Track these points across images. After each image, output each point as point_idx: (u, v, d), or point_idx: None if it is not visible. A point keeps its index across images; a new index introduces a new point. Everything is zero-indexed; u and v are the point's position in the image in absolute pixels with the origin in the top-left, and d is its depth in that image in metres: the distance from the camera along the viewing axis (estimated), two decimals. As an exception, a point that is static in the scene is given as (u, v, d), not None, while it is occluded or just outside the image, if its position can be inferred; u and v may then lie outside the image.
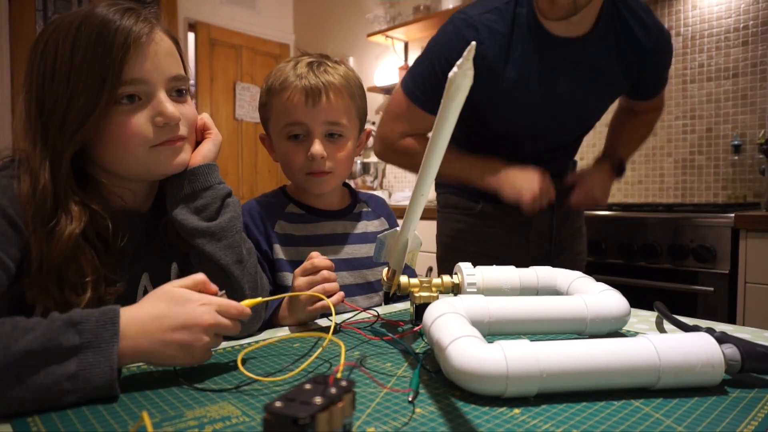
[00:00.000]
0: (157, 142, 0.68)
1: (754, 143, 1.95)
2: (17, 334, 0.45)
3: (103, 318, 0.49)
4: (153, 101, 0.67)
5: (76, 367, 0.46)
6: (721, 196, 2.05)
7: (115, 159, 0.67)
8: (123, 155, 0.67)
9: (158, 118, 0.67)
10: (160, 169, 0.70)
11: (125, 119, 0.65)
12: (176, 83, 0.70)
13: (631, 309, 0.65)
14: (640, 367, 0.48)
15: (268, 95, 0.93)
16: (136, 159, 0.67)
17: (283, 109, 0.90)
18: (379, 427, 0.42)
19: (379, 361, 0.59)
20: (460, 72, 0.41)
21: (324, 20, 3.79)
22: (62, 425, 0.43)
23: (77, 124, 0.63)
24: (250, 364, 0.58)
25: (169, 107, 0.67)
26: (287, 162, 0.93)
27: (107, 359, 0.47)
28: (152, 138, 0.67)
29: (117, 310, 0.50)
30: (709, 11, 2.07)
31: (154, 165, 0.69)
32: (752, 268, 1.48)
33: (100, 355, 0.47)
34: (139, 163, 0.68)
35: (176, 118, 0.68)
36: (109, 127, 0.65)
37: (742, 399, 0.48)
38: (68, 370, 0.46)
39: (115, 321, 0.49)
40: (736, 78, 2.01)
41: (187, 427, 0.42)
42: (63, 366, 0.46)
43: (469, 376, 0.47)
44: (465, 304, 0.60)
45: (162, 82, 0.67)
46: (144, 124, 0.66)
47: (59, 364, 0.46)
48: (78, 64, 0.62)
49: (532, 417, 0.44)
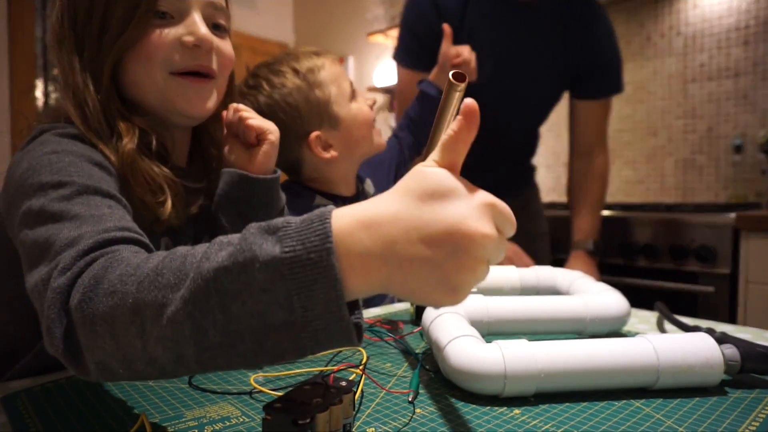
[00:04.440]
0: (180, 66, 0.62)
1: (756, 143, 1.95)
2: (211, 251, 0.34)
3: (309, 218, 0.33)
4: (186, 20, 0.61)
5: (284, 290, 0.32)
6: (722, 196, 2.05)
7: (135, 80, 0.62)
8: (142, 77, 0.61)
9: (188, 38, 0.60)
10: (178, 104, 0.63)
11: (150, 33, 0.59)
12: (214, 12, 0.64)
13: (632, 309, 0.65)
14: (638, 367, 0.48)
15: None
16: (154, 83, 0.61)
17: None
18: (379, 428, 0.42)
19: (379, 361, 0.59)
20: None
21: (324, 20, 3.78)
22: (62, 425, 0.43)
23: (116, 32, 0.58)
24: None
25: (203, 28, 0.61)
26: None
27: (324, 274, 0.31)
28: (176, 60, 0.61)
29: (328, 208, 0.34)
30: (710, 10, 2.07)
31: (173, 98, 0.62)
32: (753, 268, 1.48)
33: (311, 269, 0.32)
34: (157, 89, 0.62)
35: (208, 41, 0.61)
36: (136, 43, 0.60)
37: (742, 400, 0.48)
38: (276, 296, 0.32)
39: (325, 220, 0.33)
40: (738, 78, 2.01)
41: (187, 427, 0.42)
42: (267, 288, 0.32)
43: (466, 376, 0.47)
44: (464, 303, 0.60)
45: (199, 3, 0.62)
46: (171, 42, 0.60)
47: (261, 286, 0.32)
48: None
49: (533, 417, 0.44)
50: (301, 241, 0.32)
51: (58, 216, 0.45)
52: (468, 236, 0.32)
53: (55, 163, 0.51)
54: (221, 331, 0.33)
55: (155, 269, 0.35)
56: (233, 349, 0.33)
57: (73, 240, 0.42)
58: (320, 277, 0.31)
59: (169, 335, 0.33)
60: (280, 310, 0.32)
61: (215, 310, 0.32)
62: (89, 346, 0.37)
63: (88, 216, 0.45)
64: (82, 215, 0.45)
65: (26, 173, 0.51)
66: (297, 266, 0.31)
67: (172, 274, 0.34)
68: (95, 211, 0.46)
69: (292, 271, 0.31)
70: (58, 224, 0.45)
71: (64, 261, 0.40)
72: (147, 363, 0.35)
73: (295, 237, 0.32)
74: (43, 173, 0.50)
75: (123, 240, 0.43)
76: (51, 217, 0.46)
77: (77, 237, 0.42)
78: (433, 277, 0.33)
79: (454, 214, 0.33)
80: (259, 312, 0.32)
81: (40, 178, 0.50)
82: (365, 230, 0.33)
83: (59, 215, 0.46)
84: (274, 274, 0.32)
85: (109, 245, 0.42)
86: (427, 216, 0.33)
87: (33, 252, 0.45)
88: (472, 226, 0.33)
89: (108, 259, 0.39)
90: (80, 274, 0.39)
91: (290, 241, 0.32)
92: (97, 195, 0.49)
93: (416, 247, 0.32)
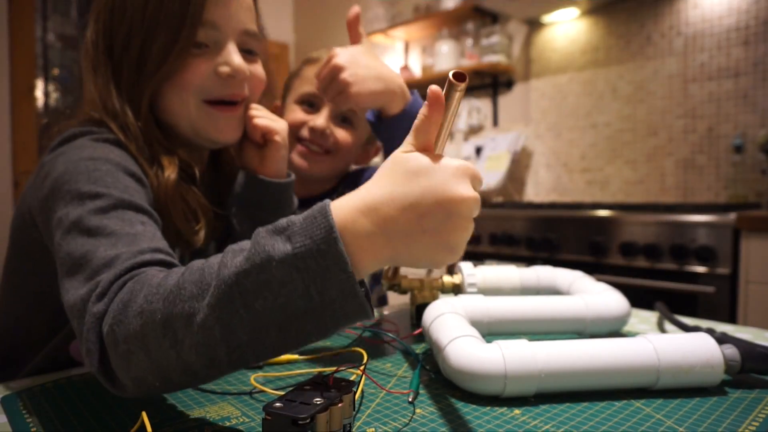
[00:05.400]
0: (213, 95, 0.63)
1: (756, 143, 1.95)
2: (227, 259, 0.37)
3: (311, 215, 0.36)
4: (221, 50, 0.62)
5: (301, 281, 0.35)
6: (722, 196, 2.05)
7: (168, 107, 0.63)
8: (176, 105, 0.62)
9: (224, 68, 0.62)
10: (209, 132, 0.65)
11: (187, 64, 0.60)
12: (248, 39, 0.65)
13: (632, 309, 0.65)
14: (638, 367, 0.48)
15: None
16: (187, 111, 0.63)
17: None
18: (379, 428, 0.42)
19: (380, 361, 0.59)
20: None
21: (324, 20, 3.78)
22: (62, 425, 0.43)
23: (155, 65, 0.59)
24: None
25: (237, 59, 0.62)
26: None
27: (335, 261, 0.35)
28: (210, 89, 0.62)
29: (326, 202, 0.37)
30: (711, 10, 2.06)
31: (205, 126, 0.64)
32: (754, 269, 1.48)
33: (322, 259, 0.35)
34: (189, 116, 0.63)
35: (243, 71, 0.63)
36: (174, 75, 0.61)
37: (743, 400, 0.47)
38: (295, 287, 0.35)
39: (326, 212, 0.36)
40: (738, 77, 2.01)
41: (187, 427, 0.42)
42: (285, 282, 0.35)
43: (467, 376, 0.47)
44: (464, 304, 0.60)
45: (234, 33, 0.63)
46: (205, 72, 0.61)
47: (280, 281, 0.35)
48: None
49: (533, 417, 0.44)
50: (309, 236, 0.35)
51: (94, 231, 0.47)
52: (455, 201, 0.37)
53: (93, 171, 0.53)
54: (249, 329, 0.36)
55: (177, 285, 0.38)
56: (261, 342, 0.36)
57: (110, 261, 0.44)
58: (331, 264, 0.35)
59: (202, 341, 0.36)
60: (300, 300, 0.35)
61: (241, 311, 0.36)
62: (124, 366, 0.39)
63: (123, 234, 0.47)
64: (117, 233, 0.47)
65: (63, 177, 0.52)
66: (310, 259, 0.35)
67: (194, 286, 0.37)
68: (130, 229, 0.48)
69: (306, 263, 0.35)
70: (94, 240, 0.47)
71: (102, 285, 0.42)
72: (182, 372, 0.38)
73: (303, 233, 0.35)
74: (80, 180, 0.51)
75: (155, 262, 0.45)
76: (87, 231, 0.47)
77: (114, 258, 0.44)
78: (433, 242, 0.37)
79: (438, 185, 0.37)
80: (281, 305, 0.35)
81: (78, 186, 0.51)
82: (366, 216, 0.36)
83: (95, 230, 0.47)
84: (290, 269, 0.35)
85: (141, 267, 0.43)
86: (417, 192, 0.37)
87: (68, 263, 0.46)
88: (457, 192, 0.37)
89: (135, 282, 0.41)
90: (114, 300, 0.41)
91: (299, 237, 0.35)
92: (131, 210, 0.51)
93: (414, 221, 0.36)
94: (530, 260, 1.88)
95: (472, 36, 2.70)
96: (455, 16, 2.70)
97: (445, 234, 0.37)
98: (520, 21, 2.60)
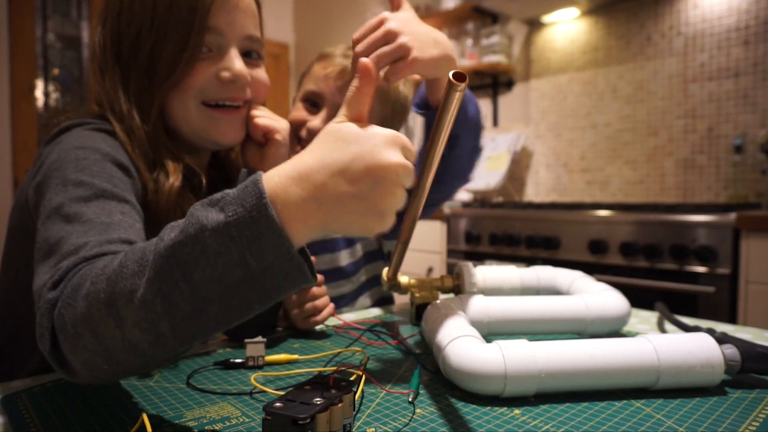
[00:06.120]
0: (212, 97, 0.63)
1: (756, 143, 1.95)
2: (164, 234, 0.37)
3: (244, 185, 0.37)
4: (224, 55, 0.63)
5: (236, 249, 0.35)
6: (722, 196, 2.05)
7: (170, 110, 0.63)
8: (177, 107, 0.63)
9: (225, 73, 0.62)
10: (211, 134, 0.65)
11: (189, 68, 0.61)
12: (250, 44, 0.66)
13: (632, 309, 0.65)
14: (638, 367, 0.48)
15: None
16: (187, 113, 0.63)
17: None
18: (379, 428, 0.42)
19: (380, 361, 0.59)
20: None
21: (324, 20, 3.78)
22: (62, 425, 0.43)
23: (165, 73, 0.60)
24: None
25: (239, 64, 0.63)
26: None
27: (267, 227, 0.35)
28: (210, 92, 0.63)
29: (258, 173, 0.37)
30: (711, 10, 2.07)
31: (206, 128, 0.64)
32: (754, 269, 1.48)
33: (254, 225, 0.35)
34: (190, 118, 0.63)
35: (244, 76, 0.63)
36: (181, 82, 0.61)
37: (743, 400, 0.47)
38: (231, 256, 0.35)
39: (257, 181, 0.36)
40: (738, 77, 2.01)
41: (187, 427, 0.42)
42: (221, 251, 0.35)
43: (467, 376, 0.47)
44: (464, 304, 0.60)
45: (236, 39, 0.63)
46: (207, 76, 0.62)
47: (216, 250, 0.35)
48: (163, 3, 0.59)
49: (533, 417, 0.44)
50: (241, 204, 0.35)
51: (72, 218, 0.47)
52: (383, 167, 0.38)
53: (81, 159, 0.53)
54: (190, 300, 0.36)
55: (120, 264, 0.38)
56: (204, 314, 0.36)
57: (77, 248, 0.44)
58: (264, 229, 0.35)
59: (144, 316, 0.36)
60: (237, 269, 0.35)
61: (180, 282, 0.36)
62: (73, 349, 0.39)
63: (98, 223, 0.47)
64: (93, 221, 0.47)
65: (54, 164, 0.53)
66: (242, 226, 0.35)
67: (135, 263, 0.37)
68: (106, 218, 0.48)
69: (240, 231, 0.35)
70: (70, 226, 0.47)
71: (60, 272, 0.42)
72: (128, 351, 0.38)
73: (235, 203, 0.36)
74: (68, 168, 0.52)
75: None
76: (65, 217, 0.48)
77: (81, 246, 0.44)
78: (362, 207, 0.38)
79: (367, 152, 0.38)
80: (219, 275, 0.36)
81: (65, 173, 0.52)
82: (297, 183, 0.37)
83: (73, 217, 0.47)
84: (224, 238, 0.35)
85: (105, 256, 0.43)
86: (347, 158, 0.37)
87: (43, 248, 0.47)
88: (385, 158, 0.38)
89: (88, 268, 0.41)
90: (66, 285, 0.41)
91: (232, 206, 0.36)
92: (113, 200, 0.51)
93: (343, 186, 0.37)
94: (530, 260, 1.88)
95: (472, 36, 2.70)
96: (455, 16, 2.70)
97: (374, 200, 0.38)
98: (520, 21, 2.60)
